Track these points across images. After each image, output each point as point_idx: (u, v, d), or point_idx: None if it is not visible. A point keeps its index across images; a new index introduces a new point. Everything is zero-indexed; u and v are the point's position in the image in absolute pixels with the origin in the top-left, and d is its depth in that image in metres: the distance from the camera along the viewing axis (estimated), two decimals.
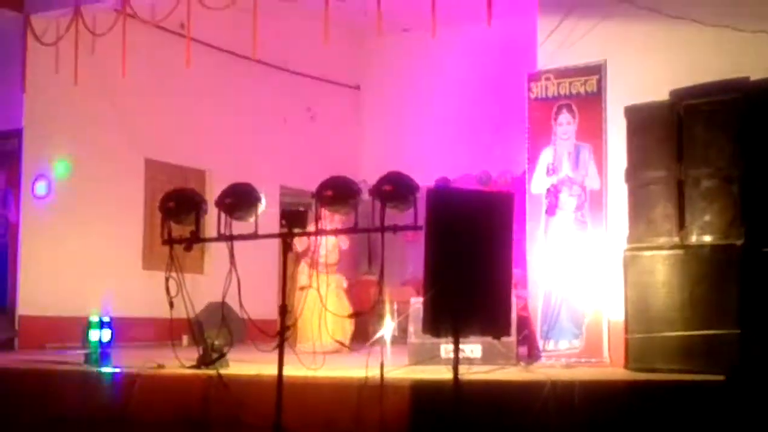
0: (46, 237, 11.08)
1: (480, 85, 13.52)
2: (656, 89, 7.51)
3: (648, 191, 7.28)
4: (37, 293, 10.90)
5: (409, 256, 12.23)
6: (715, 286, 6.77)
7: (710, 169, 7.00)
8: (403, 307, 8.34)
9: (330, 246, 9.84)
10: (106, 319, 8.28)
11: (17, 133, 11.09)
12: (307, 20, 10.57)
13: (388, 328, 6.55)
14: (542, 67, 8.31)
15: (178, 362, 7.21)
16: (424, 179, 6.25)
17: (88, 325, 8.17)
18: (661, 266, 7.07)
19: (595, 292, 7.83)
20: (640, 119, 7.44)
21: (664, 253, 7.08)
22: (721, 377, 5.86)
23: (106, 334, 8.15)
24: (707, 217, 6.97)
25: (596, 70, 8.04)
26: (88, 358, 7.85)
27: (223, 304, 6.59)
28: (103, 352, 8.05)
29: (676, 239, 7.07)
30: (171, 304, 6.58)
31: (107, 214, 11.66)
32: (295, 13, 10.41)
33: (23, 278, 10.92)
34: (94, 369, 7.63)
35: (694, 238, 7.00)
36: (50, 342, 10.55)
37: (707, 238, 6.95)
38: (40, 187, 11.07)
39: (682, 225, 7.06)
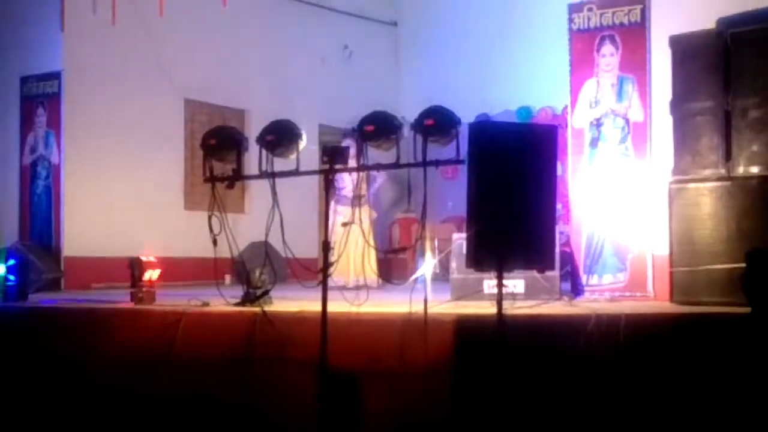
0: (88, 178, 11.19)
1: (520, 18, 13.36)
2: (702, 18, 7.37)
3: (694, 122, 7.18)
4: (81, 234, 11.05)
5: (448, 193, 12.21)
6: (762, 217, 6.69)
7: (758, 98, 6.87)
8: (444, 244, 8.34)
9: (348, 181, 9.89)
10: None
11: (57, 75, 11.16)
12: None
13: (429, 264, 6.55)
14: None
15: (223, 300, 7.29)
16: (464, 116, 6.20)
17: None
18: (706, 198, 7.00)
19: (640, 225, 7.78)
20: (685, 49, 7.30)
21: (710, 185, 7.00)
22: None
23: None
24: (755, 148, 6.87)
25: (640, 0, 7.91)
26: None
27: (266, 243, 6.62)
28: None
29: (722, 171, 6.98)
30: (215, 242, 6.65)
31: (148, 155, 11.76)
32: None
33: (67, 220, 11.08)
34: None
35: (741, 170, 6.90)
36: (95, 282, 10.70)
37: (754, 170, 6.86)
38: None
39: (728, 156, 6.97)
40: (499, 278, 5.27)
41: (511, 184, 5.22)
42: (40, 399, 7.40)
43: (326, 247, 6.02)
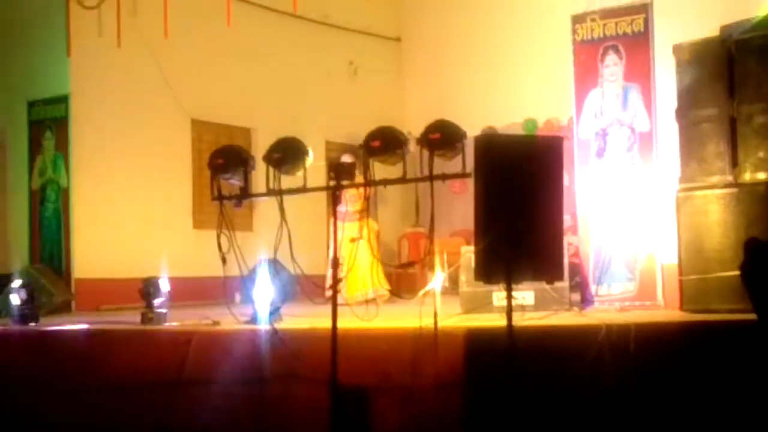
0: (97, 201, 11.22)
1: (523, 31, 13.37)
2: (705, 25, 7.41)
3: (699, 130, 7.17)
4: (91, 256, 11.07)
5: (456, 207, 12.20)
6: None
7: (763, 104, 6.88)
8: (453, 258, 8.31)
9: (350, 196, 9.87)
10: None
11: (64, 99, 11.21)
12: None
13: (438, 278, 6.53)
14: (587, 8, 8.21)
15: (233, 319, 7.28)
16: (470, 129, 6.20)
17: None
18: (714, 206, 6.99)
19: (648, 234, 7.78)
20: (689, 57, 7.31)
21: (718, 192, 7.00)
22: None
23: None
24: (761, 154, 6.87)
25: (643, 9, 7.93)
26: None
27: (275, 261, 6.61)
28: None
29: (729, 177, 6.97)
30: (224, 260, 6.64)
31: (156, 176, 11.78)
32: None
33: (77, 242, 11.11)
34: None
35: (747, 176, 6.90)
36: (106, 304, 10.70)
37: (762, 176, 6.86)
38: None
39: (735, 163, 6.97)
40: (509, 290, 5.27)
41: (518, 196, 5.22)
42: (51, 421, 7.38)
43: (335, 263, 6.02)
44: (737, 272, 6.02)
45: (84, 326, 8.10)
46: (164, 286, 8.12)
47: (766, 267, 5.68)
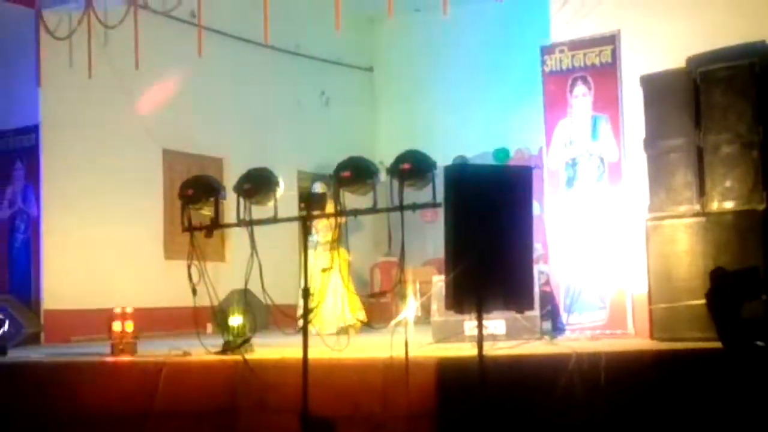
0: (67, 231, 11.14)
1: (493, 62, 13.47)
2: (672, 57, 7.46)
3: (667, 160, 7.23)
4: (61, 287, 10.97)
5: (428, 236, 12.23)
6: (739, 252, 6.72)
7: (729, 134, 6.93)
8: (425, 287, 8.31)
9: (322, 227, 9.88)
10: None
11: (34, 129, 11.15)
12: (317, 3, 10.53)
13: (410, 308, 6.53)
14: (555, 40, 8.28)
15: (204, 349, 7.25)
16: (441, 159, 6.23)
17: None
18: (682, 235, 7.03)
19: (618, 263, 7.81)
20: (656, 88, 7.38)
21: (686, 221, 7.04)
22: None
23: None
24: (728, 183, 6.91)
25: (610, 41, 8.01)
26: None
27: (246, 291, 6.60)
28: None
29: (697, 207, 7.02)
30: (194, 291, 6.63)
31: (127, 206, 11.72)
32: None
33: (47, 272, 11.01)
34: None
35: (715, 205, 6.95)
36: (76, 335, 10.61)
37: (729, 205, 6.90)
38: None
39: (702, 192, 7.01)
40: (479, 320, 5.27)
41: (488, 225, 5.23)
42: None
43: (306, 293, 6.03)
44: (704, 301, 6.09)
45: (51, 358, 8.04)
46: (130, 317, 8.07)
47: (730, 296, 5.75)
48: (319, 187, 10.08)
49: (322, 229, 9.75)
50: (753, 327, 5.69)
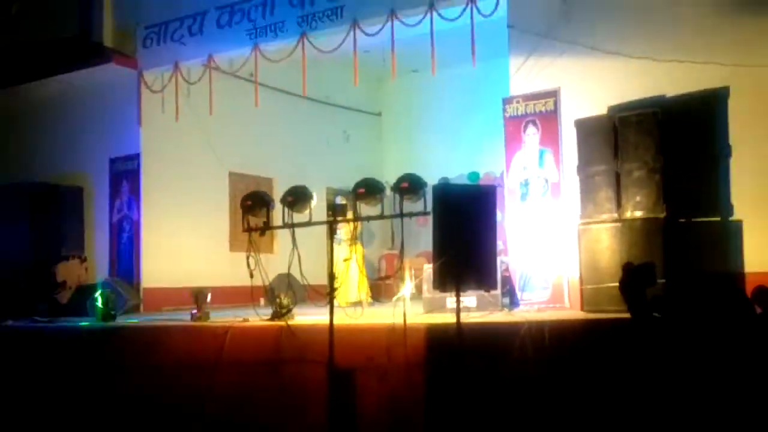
0: (159, 230, 11.16)
1: (468, 109, 13.43)
2: (597, 106, 7.48)
3: (594, 181, 7.23)
4: (155, 271, 11.00)
5: (421, 235, 12.11)
6: (645, 248, 6.71)
7: (639, 163, 6.93)
8: (418, 272, 8.31)
9: (344, 229, 9.85)
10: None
11: (137, 157, 11.16)
12: (341, 66, 10.54)
13: (407, 287, 6.53)
14: (513, 94, 8.27)
15: (258, 317, 7.26)
16: (430, 179, 6.23)
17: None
18: (605, 235, 7.03)
19: (558, 255, 7.80)
20: (586, 129, 7.38)
21: (607, 225, 7.03)
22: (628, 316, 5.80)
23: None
24: (638, 198, 6.91)
25: (553, 94, 8.00)
26: None
27: (288, 274, 6.61)
28: None
29: (615, 215, 7.02)
30: (251, 275, 6.64)
31: (203, 212, 11.74)
32: (333, 62, 10.36)
33: (144, 260, 11.00)
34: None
35: (628, 214, 6.94)
36: (166, 306, 10.62)
37: (638, 213, 6.90)
38: None
39: (619, 204, 7.01)
40: (457, 296, 5.29)
41: (464, 228, 5.27)
42: (126, 396, 7.32)
43: (331, 277, 6.04)
44: (618, 284, 6.10)
45: (148, 323, 8.05)
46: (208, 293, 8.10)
47: (635, 282, 5.77)
48: (341, 200, 10.07)
49: (344, 230, 9.76)
50: (652, 304, 5.72)
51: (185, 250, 11.26)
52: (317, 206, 6.66)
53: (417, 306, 7.58)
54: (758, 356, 5.01)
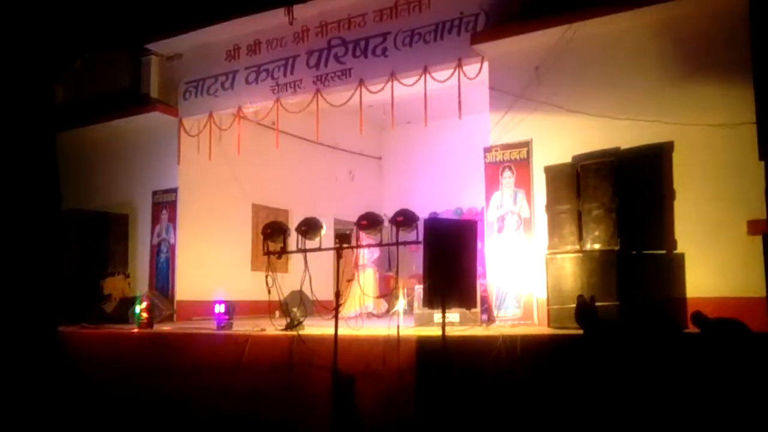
0: (192, 252, 11.13)
1: (455, 155, 13.48)
2: (562, 155, 7.54)
3: (560, 218, 7.27)
4: (188, 286, 10.94)
5: (413, 260, 12.16)
6: (602, 275, 6.76)
7: (597, 203, 6.99)
8: (411, 291, 8.30)
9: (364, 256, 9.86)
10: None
11: (174, 190, 11.19)
12: (348, 117, 10.63)
13: (401, 304, 6.53)
14: (493, 143, 8.33)
15: (274, 327, 7.23)
16: (421, 213, 6.26)
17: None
18: (568, 264, 7.05)
19: (528, 280, 7.79)
20: (553, 174, 7.45)
21: (570, 255, 7.06)
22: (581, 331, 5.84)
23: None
24: (596, 233, 6.96)
25: (526, 144, 8.05)
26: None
27: (301, 291, 6.60)
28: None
29: (577, 247, 7.05)
30: (269, 291, 6.62)
31: (229, 237, 11.72)
32: (342, 113, 10.46)
33: (179, 277, 10.96)
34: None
35: (588, 246, 6.98)
36: (196, 316, 10.57)
37: (596, 246, 6.94)
38: None
39: (580, 238, 7.05)
40: (443, 312, 5.29)
41: (449, 255, 5.28)
42: (160, 392, 7.26)
43: (337, 294, 6.03)
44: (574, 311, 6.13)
45: (180, 330, 7.99)
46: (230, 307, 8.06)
47: (584, 313, 5.83)
48: (347, 230, 10.07)
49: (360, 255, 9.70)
50: (602, 325, 5.76)
51: (213, 268, 11.24)
52: (326, 235, 6.67)
53: (409, 320, 7.57)
54: (679, 367, 5.02)
